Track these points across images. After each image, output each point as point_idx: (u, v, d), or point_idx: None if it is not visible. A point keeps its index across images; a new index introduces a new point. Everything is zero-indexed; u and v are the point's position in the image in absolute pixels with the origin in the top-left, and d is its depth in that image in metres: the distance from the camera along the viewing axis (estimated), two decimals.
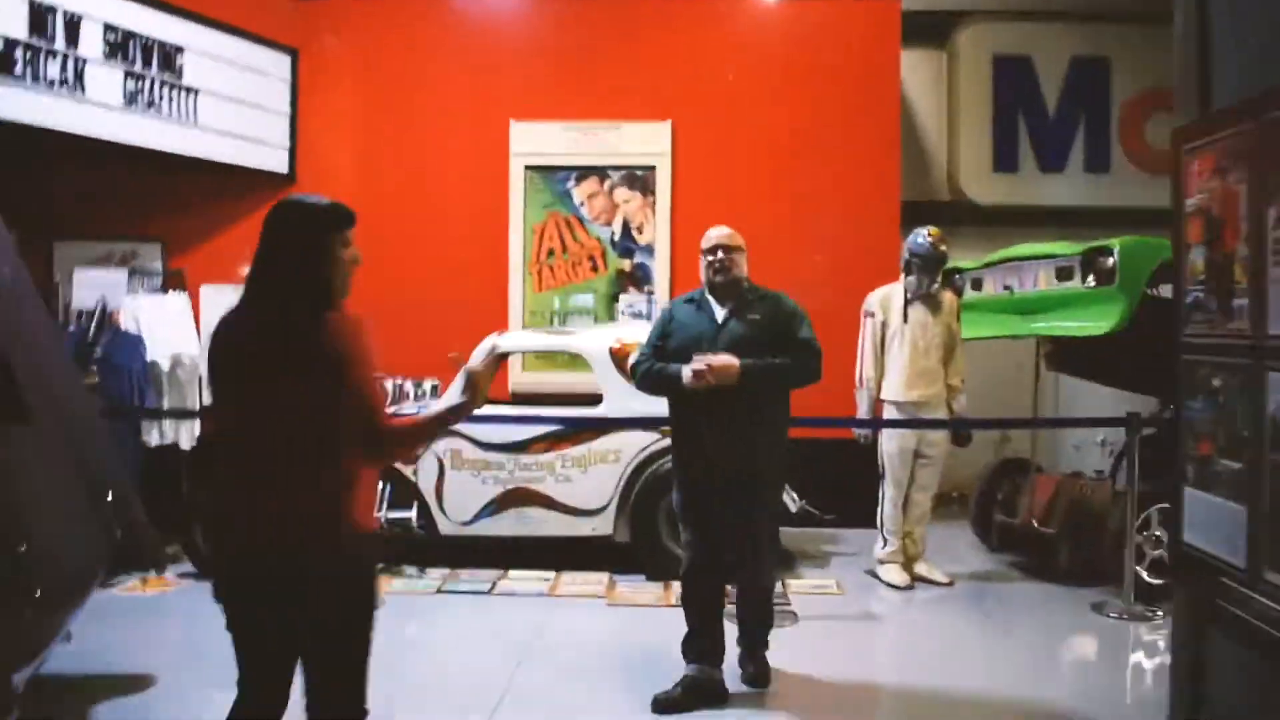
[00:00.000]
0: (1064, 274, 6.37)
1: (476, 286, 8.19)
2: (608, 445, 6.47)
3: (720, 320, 4.46)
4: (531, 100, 8.22)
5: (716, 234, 4.55)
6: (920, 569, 6.51)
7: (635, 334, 6.42)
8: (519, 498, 6.50)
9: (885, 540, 6.50)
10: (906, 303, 6.35)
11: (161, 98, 6.98)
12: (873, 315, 6.42)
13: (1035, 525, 6.63)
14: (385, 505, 6.60)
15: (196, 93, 7.25)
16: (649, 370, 4.50)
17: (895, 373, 6.34)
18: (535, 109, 8.21)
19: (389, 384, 7.06)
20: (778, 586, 5.72)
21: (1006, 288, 6.81)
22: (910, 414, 6.34)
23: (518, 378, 8.19)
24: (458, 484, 6.52)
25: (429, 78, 8.30)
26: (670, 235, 8.17)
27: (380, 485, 6.57)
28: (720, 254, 4.47)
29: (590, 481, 6.47)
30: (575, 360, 7.70)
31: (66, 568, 3.67)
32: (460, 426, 6.44)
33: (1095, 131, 9.47)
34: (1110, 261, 6.02)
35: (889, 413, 6.40)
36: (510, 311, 8.21)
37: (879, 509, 6.53)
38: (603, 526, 6.49)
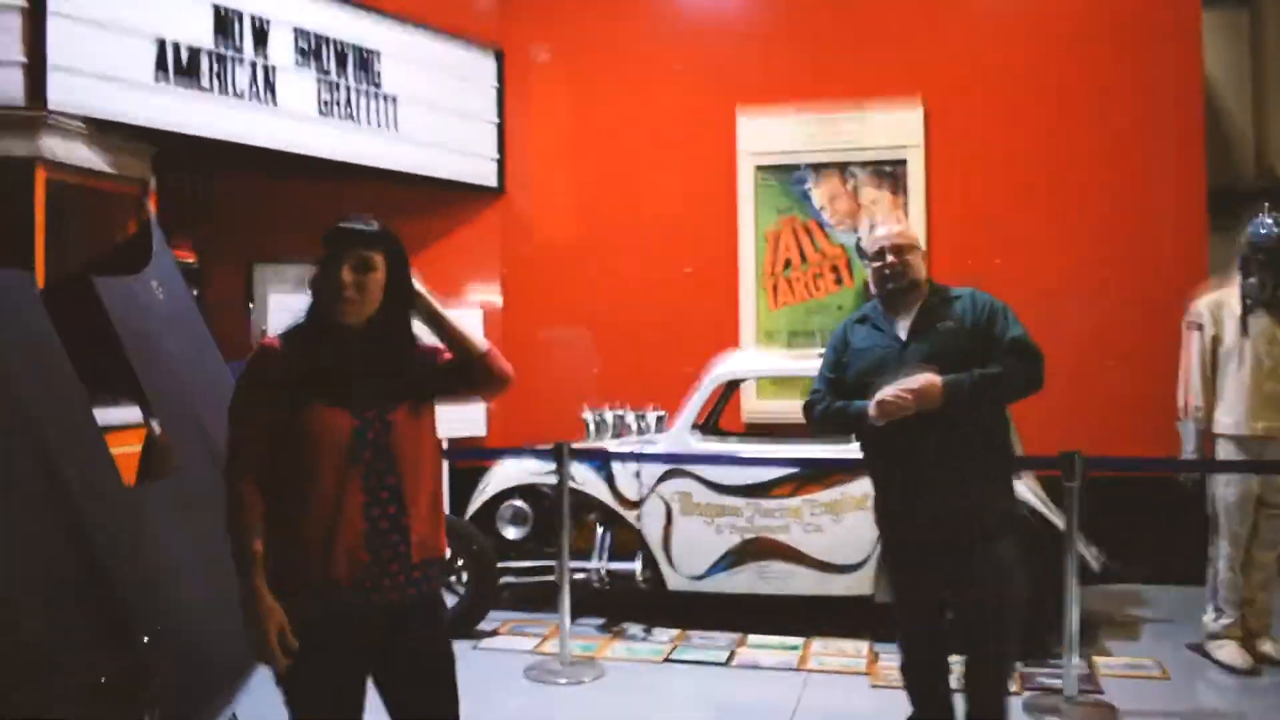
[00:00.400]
0: None
1: (702, 304, 7.30)
2: (865, 488, 5.38)
3: (904, 337, 3.56)
4: (760, 86, 7.27)
5: (884, 233, 3.67)
6: (1266, 647, 5.14)
7: None
8: (760, 549, 5.54)
9: (1219, 611, 5.16)
10: (1245, 310, 5.02)
11: (358, 106, 6.41)
12: (1201, 328, 5.12)
13: None
14: (606, 554, 5.77)
15: (396, 99, 6.67)
16: (826, 411, 3.67)
17: (1234, 399, 5.02)
18: (764, 95, 7.25)
19: (608, 415, 6.24)
20: (1083, 667, 4.55)
21: None
22: (1254, 452, 5.00)
23: (752, 406, 7.23)
24: (688, 532, 5.62)
25: (644, 71, 7.49)
26: (927, 239, 7.03)
27: (600, 532, 5.78)
28: (891, 257, 3.59)
29: (844, 532, 5.44)
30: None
31: (215, 650, 2.98)
32: (692, 466, 5.56)
33: None
34: None
35: (1225, 450, 5.07)
36: (741, 331, 7.27)
37: (1210, 571, 5.20)
38: (859, 585, 5.45)
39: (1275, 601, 5.26)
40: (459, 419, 6.95)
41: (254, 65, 5.74)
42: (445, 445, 6.97)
